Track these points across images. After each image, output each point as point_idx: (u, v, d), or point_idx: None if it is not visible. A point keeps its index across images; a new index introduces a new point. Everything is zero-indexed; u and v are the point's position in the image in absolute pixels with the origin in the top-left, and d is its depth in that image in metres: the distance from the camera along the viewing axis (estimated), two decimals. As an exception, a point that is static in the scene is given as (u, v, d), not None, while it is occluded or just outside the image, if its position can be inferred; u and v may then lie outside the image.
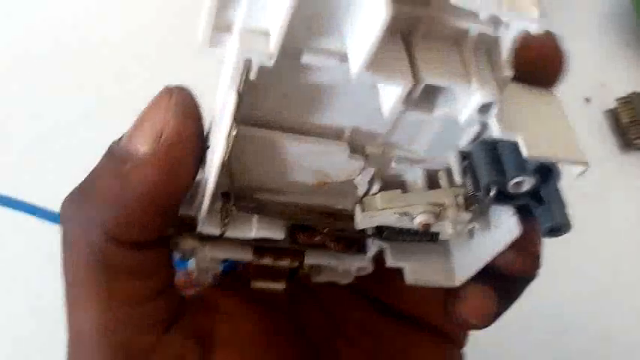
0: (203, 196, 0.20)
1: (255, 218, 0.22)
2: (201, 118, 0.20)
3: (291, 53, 0.17)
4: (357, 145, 0.21)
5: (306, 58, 0.17)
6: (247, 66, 0.17)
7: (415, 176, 0.22)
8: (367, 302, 0.28)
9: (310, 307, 0.27)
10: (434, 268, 0.24)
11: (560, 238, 0.21)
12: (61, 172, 0.40)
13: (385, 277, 0.25)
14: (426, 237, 0.23)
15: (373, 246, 0.24)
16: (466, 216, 0.22)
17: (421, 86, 0.17)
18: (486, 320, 0.24)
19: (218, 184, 0.20)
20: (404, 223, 0.22)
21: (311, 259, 0.24)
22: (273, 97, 0.19)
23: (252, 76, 0.17)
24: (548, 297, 0.26)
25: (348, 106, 0.20)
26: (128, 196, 0.19)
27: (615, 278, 0.42)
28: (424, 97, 0.17)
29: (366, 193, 0.22)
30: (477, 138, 0.21)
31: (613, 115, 0.45)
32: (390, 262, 0.24)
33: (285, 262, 0.24)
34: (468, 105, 0.17)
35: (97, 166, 0.21)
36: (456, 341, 0.29)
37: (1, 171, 0.41)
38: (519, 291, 0.25)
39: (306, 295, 0.27)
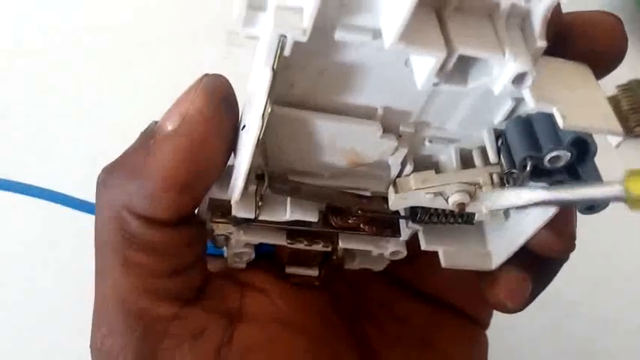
0: (237, 178, 0.21)
1: (288, 201, 0.22)
2: (232, 101, 0.20)
3: (324, 30, 0.17)
4: (389, 125, 0.21)
5: (340, 35, 0.17)
6: (282, 42, 0.17)
7: (449, 156, 0.22)
8: (393, 284, 0.28)
9: (339, 287, 0.27)
10: (469, 251, 0.24)
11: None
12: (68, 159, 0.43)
13: (412, 259, 0.25)
14: (461, 219, 0.23)
15: (407, 229, 0.24)
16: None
17: (454, 57, 0.17)
18: (522, 303, 0.24)
19: (252, 167, 0.20)
20: (438, 204, 0.22)
21: (345, 244, 0.24)
22: (307, 77, 0.19)
23: (287, 52, 0.17)
24: (548, 288, 0.27)
25: (380, 84, 0.20)
26: (150, 171, 0.20)
27: (614, 265, 0.42)
28: (457, 69, 0.17)
29: (399, 175, 0.22)
30: (510, 115, 0.21)
31: (613, 102, 0.45)
32: (425, 245, 0.24)
33: (318, 247, 0.24)
34: (502, 76, 0.17)
35: (134, 142, 0.21)
36: (481, 323, 0.29)
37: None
38: (553, 273, 0.25)
39: (336, 276, 0.27)
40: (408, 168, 0.22)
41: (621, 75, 0.44)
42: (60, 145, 0.44)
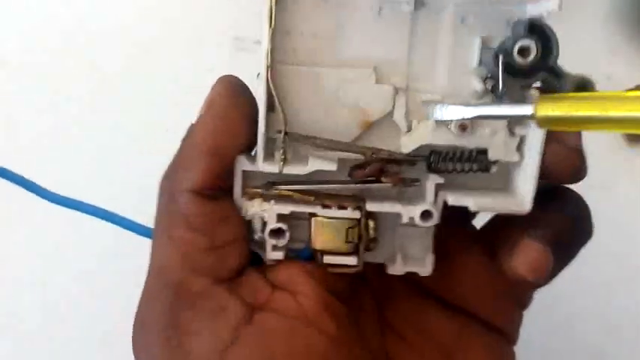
0: (259, 136, 0.24)
1: (309, 156, 0.25)
2: (245, 86, 0.25)
3: None
4: (383, 76, 0.25)
5: None
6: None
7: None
8: (419, 295, 0.28)
9: (363, 298, 0.27)
10: (499, 198, 0.25)
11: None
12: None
13: (438, 269, 0.26)
14: (478, 164, 0.25)
15: (429, 183, 0.25)
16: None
17: None
18: (542, 275, 0.24)
19: (271, 123, 0.24)
20: (442, 137, 0.24)
21: (371, 206, 0.25)
22: (304, 41, 0.25)
23: None
24: (553, 287, 0.26)
25: (363, 39, 0.25)
26: (186, 149, 0.24)
27: (620, 270, 0.41)
28: None
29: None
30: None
31: None
32: (452, 200, 0.24)
33: (347, 212, 0.25)
34: None
35: None
36: (508, 337, 0.28)
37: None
38: (575, 247, 0.26)
39: (360, 287, 0.27)
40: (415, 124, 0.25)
41: (627, 80, 0.44)
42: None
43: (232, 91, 0.25)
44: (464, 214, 0.29)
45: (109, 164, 0.27)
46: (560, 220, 0.25)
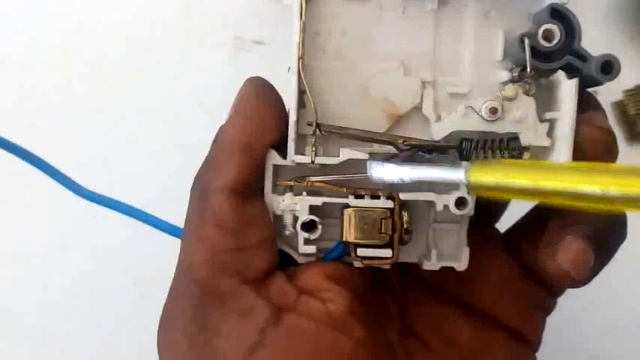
0: (290, 127, 0.24)
1: (340, 146, 0.25)
2: (270, 85, 0.26)
3: None
4: (410, 70, 0.25)
5: None
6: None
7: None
8: (442, 300, 0.27)
9: (386, 303, 0.27)
10: None
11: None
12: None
13: (462, 273, 0.26)
14: (509, 151, 0.25)
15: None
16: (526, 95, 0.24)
17: None
18: (584, 272, 0.24)
19: (302, 117, 0.24)
20: (474, 123, 0.24)
21: (405, 195, 0.25)
22: (333, 40, 0.25)
23: None
24: None
25: (391, 35, 0.25)
26: (217, 147, 0.24)
27: (620, 270, 0.37)
28: None
29: (437, 123, 0.25)
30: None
31: (620, 107, 0.46)
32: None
33: (380, 202, 0.24)
34: None
35: None
36: (531, 343, 0.27)
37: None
38: (614, 244, 0.25)
39: (384, 292, 0.27)
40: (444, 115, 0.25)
41: (628, 80, 0.45)
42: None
43: (261, 90, 0.25)
44: (488, 216, 0.29)
45: (108, 164, 0.27)
46: (599, 219, 0.24)
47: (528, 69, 0.24)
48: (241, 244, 0.24)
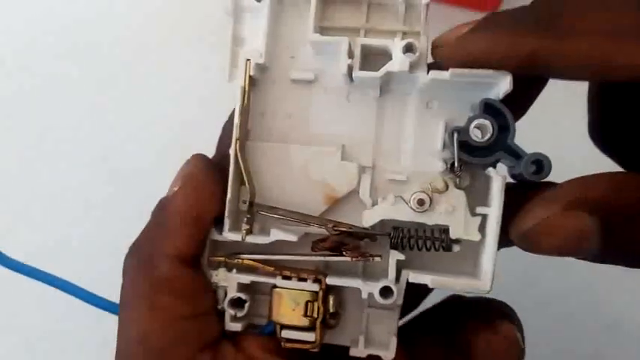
0: (227, 205, 0.25)
1: (272, 228, 0.25)
2: (214, 163, 0.26)
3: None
4: (350, 155, 0.26)
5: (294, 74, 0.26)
6: (248, 65, 0.25)
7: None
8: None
9: None
10: (460, 277, 0.24)
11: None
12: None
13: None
14: (437, 243, 0.24)
15: (390, 259, 0.25)
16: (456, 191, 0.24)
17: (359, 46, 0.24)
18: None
19: (239, 193, 0.25)
20: (402, 213, 0.24)
21: (331, 280, 0.25)
22: (279, 121, 0.26)
23: (252, 72, 0.25)
24: (552, 287, 0.25)
25: (334, 120, 0.26)
26: (168, 215, 0.25)
27: (620, 270, 0.33)
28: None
29: (372, 209, 0.25)
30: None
31: None
32: (412, 278, 0.24)
33: (306, 284, 0.25)
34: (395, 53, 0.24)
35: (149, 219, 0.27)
36: None
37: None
38: None
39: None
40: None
41: None
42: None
43: (208, 166, 0.26)
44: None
45: (108, 163, 0.29)
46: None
47: (456, 163, 0.24)
48: (197, 311, 0.24)
